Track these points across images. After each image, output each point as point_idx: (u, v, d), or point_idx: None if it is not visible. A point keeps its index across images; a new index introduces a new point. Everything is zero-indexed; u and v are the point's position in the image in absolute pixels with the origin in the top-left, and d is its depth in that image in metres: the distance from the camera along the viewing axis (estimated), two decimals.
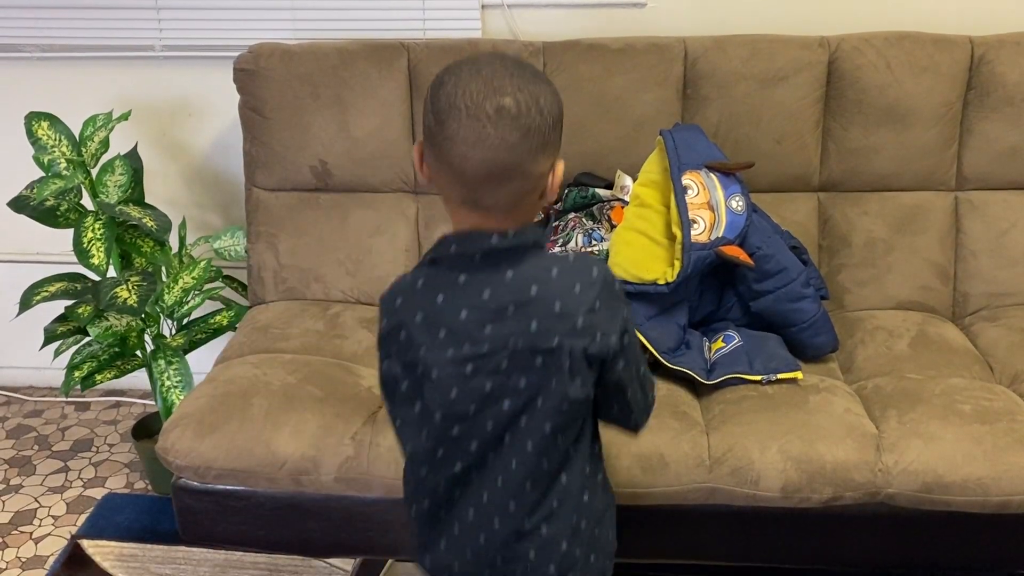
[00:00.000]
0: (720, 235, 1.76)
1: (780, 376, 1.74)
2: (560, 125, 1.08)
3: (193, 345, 2.20)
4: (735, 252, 1.75)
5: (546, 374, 1.11)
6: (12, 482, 2.37)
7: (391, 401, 1.22)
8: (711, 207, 1.77)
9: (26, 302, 2.10)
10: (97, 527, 2.19)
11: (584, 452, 1.20)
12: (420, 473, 1.20)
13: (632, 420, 1.25)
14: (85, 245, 2.01)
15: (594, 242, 1.94)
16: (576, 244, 1.95)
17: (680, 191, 1.78)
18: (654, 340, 1.76)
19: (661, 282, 1.77)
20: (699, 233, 1.76)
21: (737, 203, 1.78)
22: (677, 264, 1.76)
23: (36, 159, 2.11)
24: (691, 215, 1.76)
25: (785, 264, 1.82)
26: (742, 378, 1.75)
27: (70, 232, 2.05)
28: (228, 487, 1.70)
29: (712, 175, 1.81)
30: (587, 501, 1.21)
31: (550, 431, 1.14)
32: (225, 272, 2.28)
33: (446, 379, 1.12)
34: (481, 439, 1.15)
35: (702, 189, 1.78)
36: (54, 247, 2.48)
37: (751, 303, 1.86)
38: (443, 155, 1.05)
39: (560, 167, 1.11)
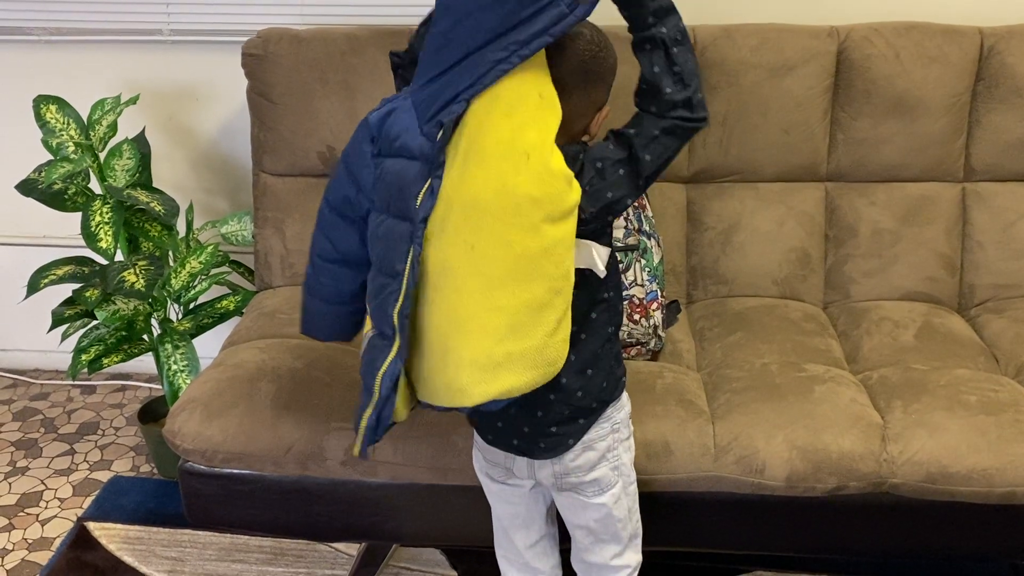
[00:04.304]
0: None
1: None
2: (612, 77, 1.28)
3: (200, 330, 2.20)
4: None
5: None
6: (19, 464, 2.38)
7: None
8: None
9: (33, 285, 2.10)
10: (103, 510, 2.20)
11: None
12: None
13: None
14: (93, 229, 2.02)
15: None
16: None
17: None
18: None
19: None
20: None
21: None
22: None
23: (44, 142, 2.11)
24: None
25: None
26: None
27: (78, 216, 2.06)
28: (234, 471, 1.71)
29: None
30: None
31: None
32: (232, 257, 2.28)
33: None
34: None
35: None
36: (62, 230, 2.48)
37: None
38: None
39: (606, 111, 1.29)
